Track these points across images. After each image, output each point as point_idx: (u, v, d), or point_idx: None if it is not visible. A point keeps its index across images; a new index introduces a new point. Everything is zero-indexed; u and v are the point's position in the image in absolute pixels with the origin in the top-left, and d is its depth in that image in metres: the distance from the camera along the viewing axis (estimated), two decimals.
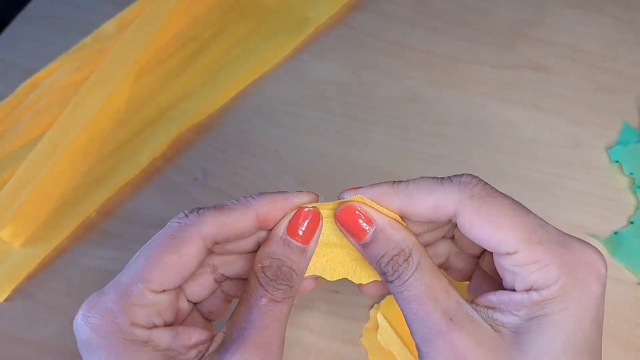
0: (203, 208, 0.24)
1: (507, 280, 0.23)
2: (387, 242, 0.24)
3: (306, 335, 0.34)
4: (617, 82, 0.43)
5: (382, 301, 0.34)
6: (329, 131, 0.42)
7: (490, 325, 0.22)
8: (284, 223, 0.25)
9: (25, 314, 0.35)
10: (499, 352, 0.22)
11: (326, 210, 0.26)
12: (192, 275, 0.25)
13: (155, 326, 0.23)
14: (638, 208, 0.37)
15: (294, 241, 0.24)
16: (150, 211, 0.39)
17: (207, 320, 0.28)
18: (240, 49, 0.46)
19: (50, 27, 0.49)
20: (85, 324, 0.23)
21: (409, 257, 0.23)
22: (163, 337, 0.23)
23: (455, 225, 0.24)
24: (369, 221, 0.24)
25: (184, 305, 0.26)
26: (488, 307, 0.23)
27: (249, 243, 0.26)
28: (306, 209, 0.25)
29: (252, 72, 0.44)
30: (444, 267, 0.29)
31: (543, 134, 0.41)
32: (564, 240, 0.23)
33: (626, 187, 0.38)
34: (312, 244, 0.25)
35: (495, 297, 0.23)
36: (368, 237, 0.24)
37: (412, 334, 0.23)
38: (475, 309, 0.23)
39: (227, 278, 0.27)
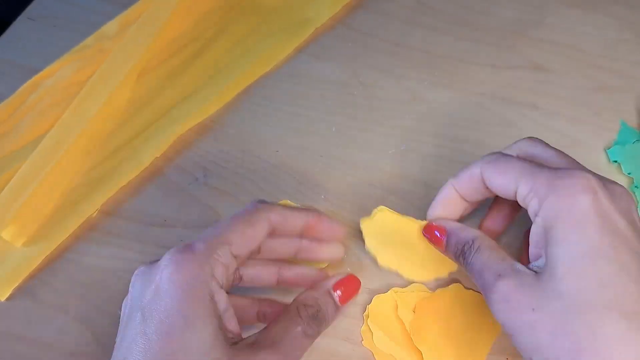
0: (272, 203, 0.31)
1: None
2: (457, 239, 0.30)
3: None
4: (616, 82, 0.43)
5: (368, 306, 0.34)
6: (329, 131, 0.42)
7: (535, 272, 0.26)
8: (334, 280, 0.31)
9: (26, 313, 0.35)
10: (535, 287, 0.25)
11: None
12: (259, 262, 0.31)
13: (222, 287, 0.26)
14: (638, 207, 0.37)
15: (335, 296, 0.30)
16: (151, 210, 0.39)
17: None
18: (241, 49, 0.46)
19: (52, 28, 0.49)
20: (172, 262, 0.26)
21: (472, 244, 0.29)
22: (222, 302, 0.26)
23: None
24: (442, 231, 0.31)
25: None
26: (534, 259, 0.27)
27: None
28: (351, 276, 0.32)
29: (252, 72, 0.45)
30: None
31: (542, 134, 0.41)
32: (557, 170, 0.27)
33: (625, 187, 0.38)
34: (345, 306, 0.31)
35: (531, 246, 0.27)
36: (444, 242, 0.31)
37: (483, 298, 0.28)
38: (525, 266, 0.27)
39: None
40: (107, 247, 0.38)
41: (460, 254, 0.30)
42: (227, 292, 0.27)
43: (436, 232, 0.32)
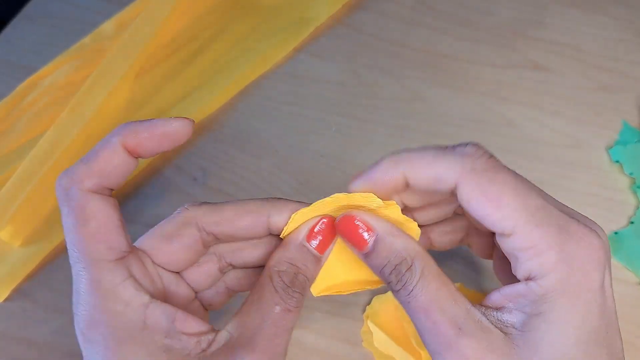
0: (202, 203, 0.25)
1: (513, 264, 0.23)
2: (388, 250, 0.23)
3: (306, 335, 0.34)
4: (617, 82, 0.43)
5: (368, 306, 0.34)
6: (329, 131, 0.42)
7: (500, 328, 0.22)
8: (304, 230, 0.25)
9: (24, 314, 0.35)
10: (510, 357, 0.21)
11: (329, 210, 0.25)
12: (196, 262, 0.26)
13: (147, 292, 0.23)
14: (638, 208, 0.37)
15: (312, 248, 0.24)
16: (149, 211, 0.39)
17: (205, 309, 0.28)
18: (240, 49, 0.46)
19: (50, 27, 0.48)
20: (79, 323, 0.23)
21: (411, 265, 0.23)
22: (160, 318, 0.22)
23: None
24: (370, 229, 0.24)
25: (185, 292, 0.26)
26: (496, 308, 0.22)
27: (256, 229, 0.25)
28: (324, 220, 0.25)
29: (252, 72, 0.44)
30: (465, 242, 0.28)
31: (543, 134, 0.41)
32: (565, 223, 0.22)
33: (626, 187, 0.38)
34: (325, 254, 0.25)
35: (500, 294, 0.23)
36: (369, 246, 0.24)
37: (424, 345, 0.23)
38: (484, 314, 0.22)
39: (233, 267, 0.27)
40: None
41: (392, 272, 0.23)
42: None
43: (361, 230, 0.24)
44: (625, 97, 0.42)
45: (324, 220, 0.25)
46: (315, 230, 0.25)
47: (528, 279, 0.22)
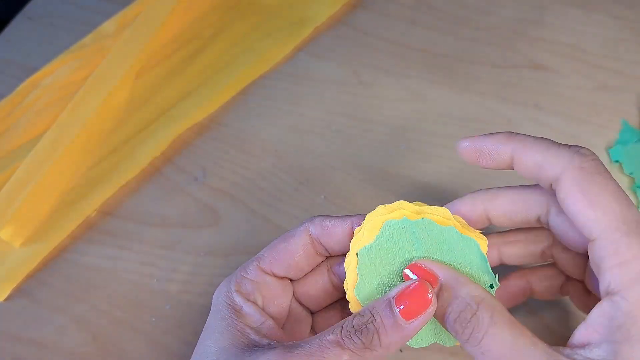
0: (318, 215, 0.27)
1: (597, 278, 0.22)
2: (454, 300, 0.22)
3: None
4: (617, 81, 0.43)
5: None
6: (328, 131, 0.42)
7: None
8: (398, 289, 0.23)
9: (25, 313, 0.35)
10: None
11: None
12: (306, 278, 0.28)
13: (252, 302, 0.25)
14: (638, 208, 0.37)
15: (395, 307, 0.22)
16: (150, 210, 0.39)
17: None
18: (240, 48, 0.46)
19: (50, 27, 0.49)
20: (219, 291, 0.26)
21: (477, 311, 0.21)
22: (251, 314, 0.25)
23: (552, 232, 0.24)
24: (433, 280, 0.23)
25: (298, 310, 0.28)
26: (582, 346, 0.21)
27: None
28: (423, 289, 0.22)
29: (252, 72, 0.44)
30: (546, 256, 0.28)
31: (543, 134, 0.40)
32: None
33: (626, 187, 0.38)
34: (412, 324, 0.22)
35: (585, 326, 0.21)
36: (433, 298, 0.22)
37: None
38: (569, 355, 0.20)
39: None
40: (106, 247, 0.38)
41: (457, 321, 0.22)
42: (274, 315, 0.27)
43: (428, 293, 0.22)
44: (625, 96, 0.42)
45: (421, 285, 0.22)
46: (405, 293, 0.22)
47: (609, 293, 0.20)
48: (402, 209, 0.25)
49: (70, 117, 0.41)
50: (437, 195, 0.38)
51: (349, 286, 0.25)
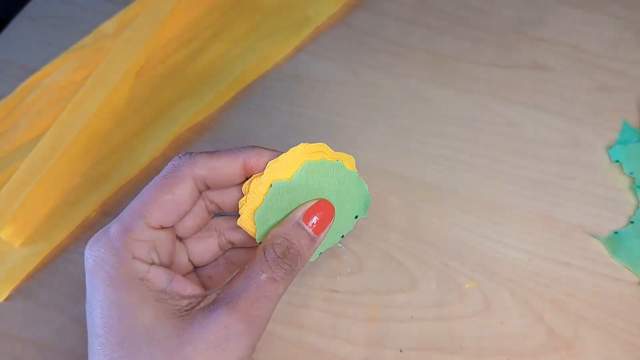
0: (195, 152, 0.26)
1: None
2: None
3: (306, 335, 0.34)
4: (617, 81, 0.43)
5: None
6: (329, 131, 0.42)
7: None
8: (302, 210, 0.27)
9: (25, 314, 0.35)
10: None
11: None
12: (196, 234, 0.28)
13: (153, 263, 0.25)
14: (638, 208, 0.37)
15: (307, 228, 0.26)
16: None
17: (205, 287, 0.29)
18: (240, 49, 0.46)
19: (50, 27, 0.49)
20: (90, 256, 0.24)
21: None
22: (159, 277, 0.24)
23: None
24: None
25: (185, 262, 0.28)
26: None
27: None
28: (323, 203, 0.27)
29: (252, 72, 0.44)
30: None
31: (543, 134, 0.41)
32: None
33: (626, 186, 0.38)
34: (321, 235, 0.27)
35: None
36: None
37: None
38: None
39: (233, 246, 0.30)
40: None
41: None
42: (170, 264, 0.27)
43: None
44: (625, 96, 0.42)
45: (321, 203, 0.27)
46: (312, 211, 0.27)
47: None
48: (323, 152, 0.27)
49: (70, 117, 0.41)
50: (437, 195, 0.38)
51: (249, 207, 0.27)
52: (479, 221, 0.37)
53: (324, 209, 0.27)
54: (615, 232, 0.36)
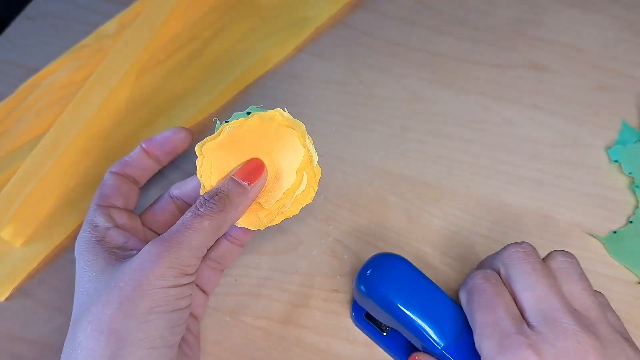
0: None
1: None
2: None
3: (306, 334, 0.34)
4: (616, 81, 0.43)
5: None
6: (328, 131, 0.42)
7: None
8: (236, 168, 0.30)
9: (26, 313, 0.35)
10: None
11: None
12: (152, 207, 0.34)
13: (112, 227, 0.30)
14: (637, 207, 0.37)
15: (238, 179, 0.29)
16: None
17: None
18: (240, 49, 0.46)
19: (51, 27, 0.49)
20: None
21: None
22: (117, 237, 0.30)
23: None
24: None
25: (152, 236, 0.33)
26: None
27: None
28: (253, 160, 0.30)
29: (252, 72, 0.44)
30: None
31: (542, 134, 0.41)
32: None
33: (625, 186, 0.38)
34: (254, 186, 0.29)
35: None
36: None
37: None
38: None
39: (186, 203, 0.34)
40: None
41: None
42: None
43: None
44: (624, 96, 0.42)
45: (253, 159, 0.30)
46: (243, 167, 0.29)
47: None
48: (276, 119, 0.30)
49: (71, 117, 0.41)
50: (437, 195, 0.38)
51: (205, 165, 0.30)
52: (479, 221, 0.37)
53: (254, 163, 0.30)
54: (614, 232, 0.36)
